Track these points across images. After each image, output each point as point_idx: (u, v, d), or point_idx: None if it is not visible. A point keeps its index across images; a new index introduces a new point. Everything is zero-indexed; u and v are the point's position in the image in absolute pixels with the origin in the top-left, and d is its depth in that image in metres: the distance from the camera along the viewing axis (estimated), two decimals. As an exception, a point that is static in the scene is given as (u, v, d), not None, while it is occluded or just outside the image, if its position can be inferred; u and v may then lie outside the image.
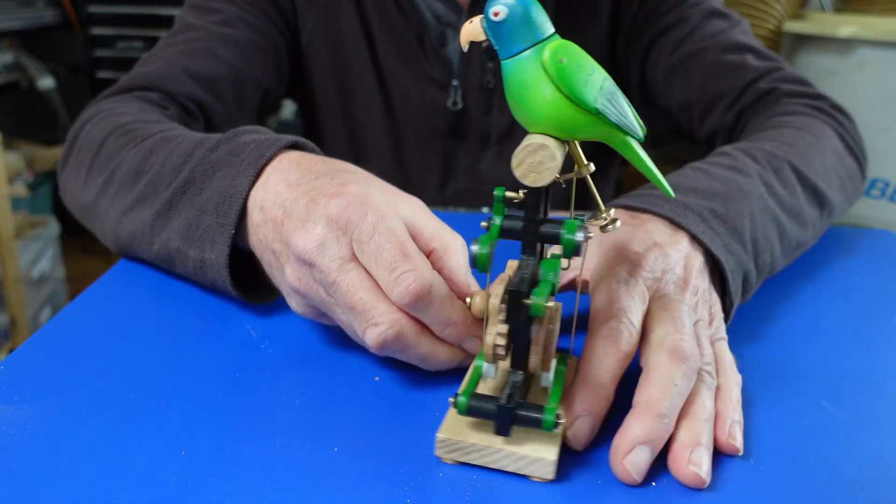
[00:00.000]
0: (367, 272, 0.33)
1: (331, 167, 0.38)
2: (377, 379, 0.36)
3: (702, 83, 0.63)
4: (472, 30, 0.29)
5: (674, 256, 0.37)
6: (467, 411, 0.30)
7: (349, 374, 0.36)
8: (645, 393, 0.30)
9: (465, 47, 0.29)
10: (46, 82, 2.09)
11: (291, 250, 0.34)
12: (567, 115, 0.28)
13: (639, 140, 0.30)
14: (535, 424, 0.29)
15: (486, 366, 0.31)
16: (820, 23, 1.54)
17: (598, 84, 0.28)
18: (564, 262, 0.32)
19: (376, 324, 0.32)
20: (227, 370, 0.36)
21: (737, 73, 0.62)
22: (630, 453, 0.29)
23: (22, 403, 0.33)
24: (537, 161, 0.28)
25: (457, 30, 0.67)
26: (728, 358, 0.35)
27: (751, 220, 0.42)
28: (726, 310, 0.39)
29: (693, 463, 0.29)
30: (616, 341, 0.32)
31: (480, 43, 0.29)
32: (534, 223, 0.30)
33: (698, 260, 0.38)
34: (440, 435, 0.30)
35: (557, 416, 0.29)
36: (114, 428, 0.31)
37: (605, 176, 0.80)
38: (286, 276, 0.36)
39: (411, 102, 0.70)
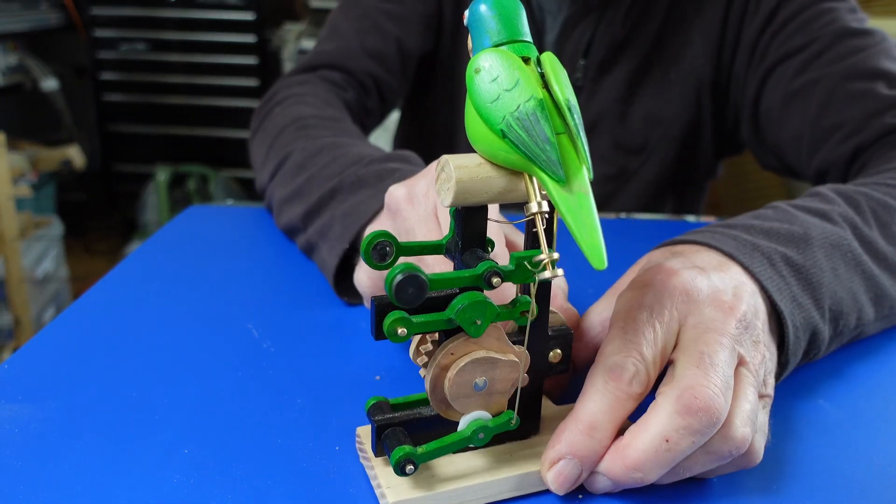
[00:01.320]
0: None
1: None
2: (378, 378, 0.36)
3: (817, 113, 0.55)
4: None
5: (717, 279, 0.31)
6: (366, 412, 0.28)
7: (350, 372, 0.36)
8: (630, 437, 0.26)
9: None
10: (50, 84, 2.09)
11: (387, 202, 0.36)
12: (481, 132, 0.25)
13: (556, 181, 0.24)
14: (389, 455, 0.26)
15: None
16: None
17: (515, 102, 0.24)
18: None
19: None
20: (229, 369, 0.36)
21: (858, 103, 0.54)
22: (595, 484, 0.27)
23: (25, 402, 0.33)
24: (443, 178, 0.25)
25: (556, 18, 0.67)
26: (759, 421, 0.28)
27: (833, 274, 0.36)
28: (779, 368, 0.33)
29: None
30: (618, 377, 0.27)
31: None
32: (455, 246, 0.27)
33: (750, 291, 0.31)
34: (358, 430, 0.30)
35: (406, 460, 0.25)
36: (116, 426, 0.31)
37: (694, 199, 0.74)
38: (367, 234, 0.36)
39: None
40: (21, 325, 1.52)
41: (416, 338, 0.27)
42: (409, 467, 0.26)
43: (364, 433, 0.29)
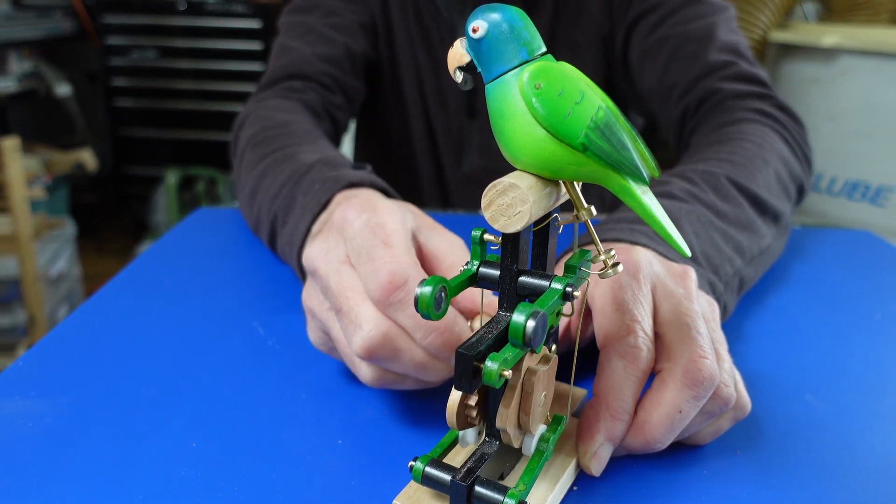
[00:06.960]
0: None
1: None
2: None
3: (662, 71, 0.63)
4: (454, 53, 0.25)
5: (654, 256, 0.35)
6: (422, 480, 0.26)
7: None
8: (645, 413, 0.29)
9: (457, 77, 0.25)
10: (63, 89, 2.12)
11: (305, 266, 0.34)
12: (548, 150, 0.24)
13: (643, 183, 0.25)
14: None
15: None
16: (804, 32, 1.56)
17: (587, 114, 0.23)
18: (567, 307, 0.26)
19: (360, 325, 0.29)
20: (236, 365, 0.37)
21: (689, 66, 0.61)
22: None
23: (39, 397, 0.34)
24: (507, 203, 0.23)
25: (463, 16, 0.69)
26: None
27: (696, 237, 0.41)
28: None
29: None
30: (635, 360, 0.29)
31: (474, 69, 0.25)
32: (510, 273, 0.25)
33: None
34: (396, 501, 0.26)
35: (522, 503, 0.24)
36: (126, 420, 0.32)
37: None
38: (303, 299, 0.35)
39: (431, 78, 0.73)
40: (35, 323, 1.54)
41: (456, 401, 0.26)
42: None
43: (412, 498, 0.26)
